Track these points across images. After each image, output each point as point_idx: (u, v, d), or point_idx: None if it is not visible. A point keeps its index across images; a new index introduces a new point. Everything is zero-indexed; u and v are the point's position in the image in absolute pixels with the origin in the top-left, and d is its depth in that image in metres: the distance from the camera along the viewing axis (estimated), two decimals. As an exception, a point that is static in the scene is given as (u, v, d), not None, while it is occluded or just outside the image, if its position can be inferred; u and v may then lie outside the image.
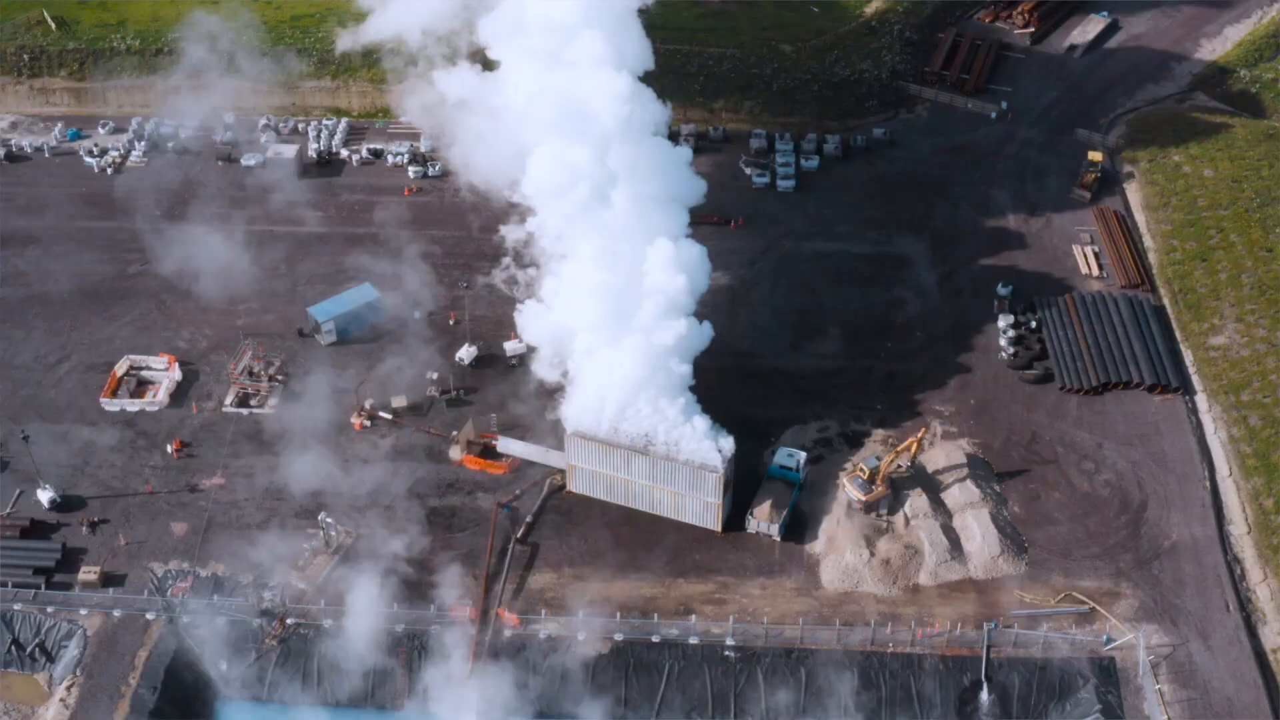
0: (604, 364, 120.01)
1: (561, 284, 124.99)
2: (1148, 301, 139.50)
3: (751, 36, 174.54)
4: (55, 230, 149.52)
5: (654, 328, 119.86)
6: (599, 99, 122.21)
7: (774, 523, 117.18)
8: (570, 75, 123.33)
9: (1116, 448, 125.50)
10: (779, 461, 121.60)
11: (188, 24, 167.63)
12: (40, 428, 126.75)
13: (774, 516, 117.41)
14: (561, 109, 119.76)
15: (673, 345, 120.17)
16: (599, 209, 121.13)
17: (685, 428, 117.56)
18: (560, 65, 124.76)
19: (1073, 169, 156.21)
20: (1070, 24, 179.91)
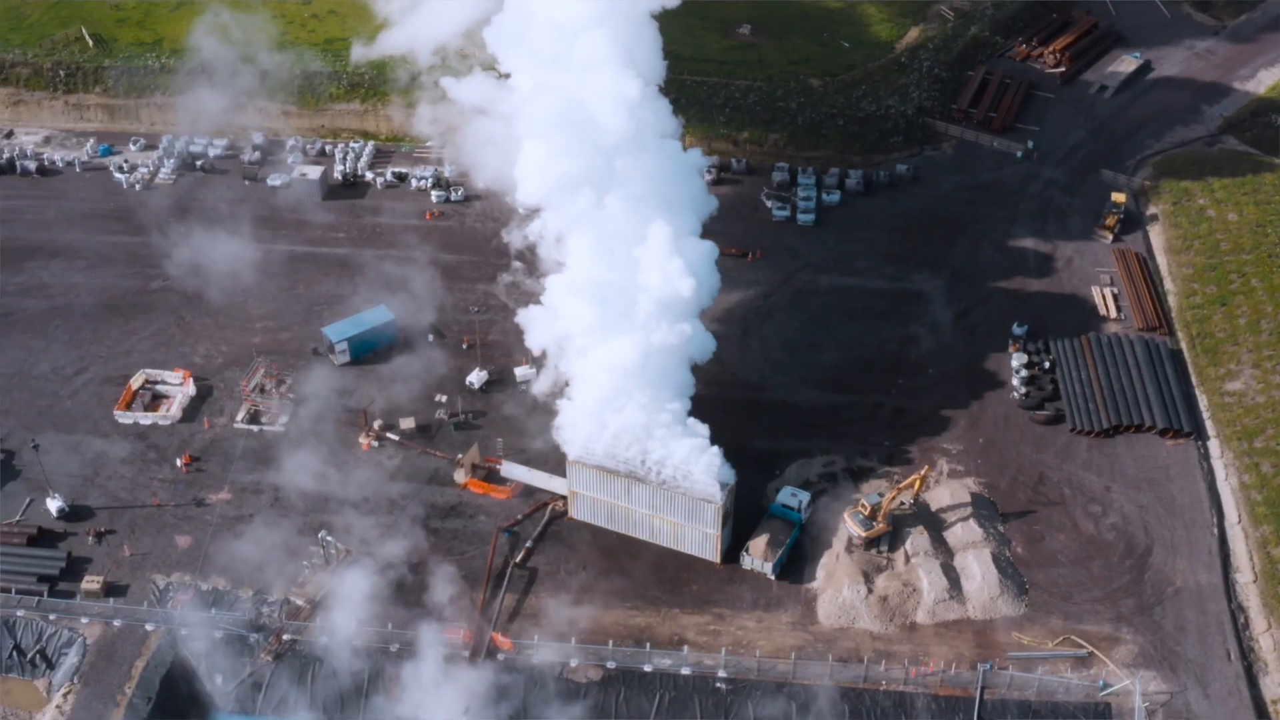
0: (599, 366, 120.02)
1: (559, 288, 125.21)
2: (1164, 345, 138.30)
3: (780, 70, 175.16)
4: (81, 244, 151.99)
5: (654, 328, 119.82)
6: (602, 99, 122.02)
7: (768, 561, 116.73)
8: (573, 75, 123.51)
9: (1125, 491, 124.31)
10: (781, 500, 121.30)
11: (222, 44, 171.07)
12: (54, 438, 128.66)
13: (769, 555, 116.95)
14: (560, 108, 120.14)
15: (673, 346, 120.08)
16: (598, 212, 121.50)
17: (684, 450, 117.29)
18: (564, 67, 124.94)
19: (1096, 209, 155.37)
20: (1102, 64, 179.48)
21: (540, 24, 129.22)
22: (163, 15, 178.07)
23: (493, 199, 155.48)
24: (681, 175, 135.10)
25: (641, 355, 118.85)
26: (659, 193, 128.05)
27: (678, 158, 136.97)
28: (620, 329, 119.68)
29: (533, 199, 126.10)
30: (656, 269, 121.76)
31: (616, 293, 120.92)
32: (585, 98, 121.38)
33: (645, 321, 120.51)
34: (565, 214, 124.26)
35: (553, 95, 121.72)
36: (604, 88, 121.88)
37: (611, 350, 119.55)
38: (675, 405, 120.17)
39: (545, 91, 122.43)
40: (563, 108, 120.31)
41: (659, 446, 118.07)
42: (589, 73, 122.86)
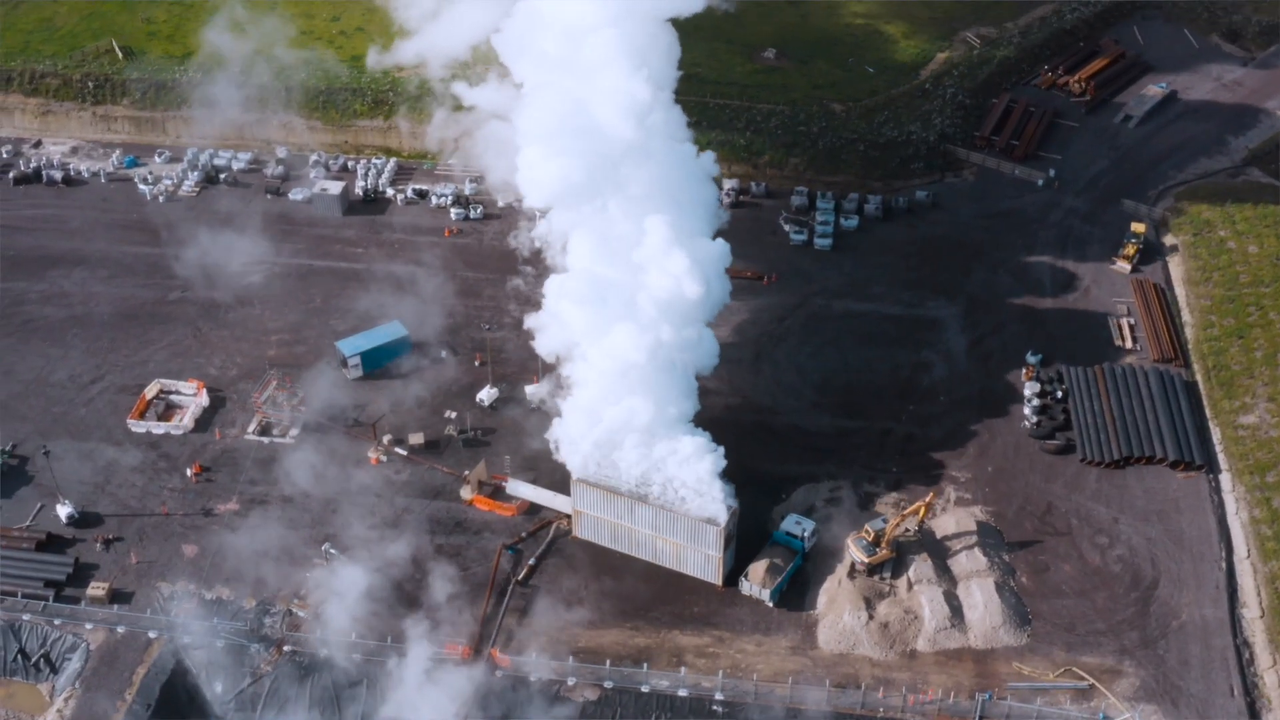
0: (598, 369, 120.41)
1: (557, 289, 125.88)
2: (1179, 376, 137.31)
3: (803, 94, 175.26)
4: (103, 254, 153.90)
5: (656, 329, 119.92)
6: (607, 100, 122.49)
7: (766, 587, 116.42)
8: (579, 77, 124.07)
9: (1133, 523, 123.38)
10: (786, 528, 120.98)
11: (251, 59, 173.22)
12: (67, 445, 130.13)
13: (767, 581, 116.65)
14: (562, 108, 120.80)
15: (677, 351, 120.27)
16: (601, 213, 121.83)
17: (686, 464, 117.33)
18: (571, 69, 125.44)
19: (1116, 239, 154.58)
20: (1128, 94, 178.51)
21: (548, 27, 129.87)
22: (193, 29, 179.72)
23: (511, 217, 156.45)
24: (692, 179, 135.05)
25: (641, 356, 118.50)
26: (667, 194, 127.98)
27: (688, 162, 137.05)
28: (619, 330, 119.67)
29: (536, 201, 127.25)
30: (657, 266, 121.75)
31: (615, 291, 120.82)
32: (589, 98, 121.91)
33: (647, 322, 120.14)
34: (567, 215, 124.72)
35: (555, 95, 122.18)
36: (609, 89, 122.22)
37: (610, 350, 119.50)
38: (677, 413, 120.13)
39: (548, 91, 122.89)
40: (565, 108, 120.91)
41: (661, 458, 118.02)
42: (595, 74, 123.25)
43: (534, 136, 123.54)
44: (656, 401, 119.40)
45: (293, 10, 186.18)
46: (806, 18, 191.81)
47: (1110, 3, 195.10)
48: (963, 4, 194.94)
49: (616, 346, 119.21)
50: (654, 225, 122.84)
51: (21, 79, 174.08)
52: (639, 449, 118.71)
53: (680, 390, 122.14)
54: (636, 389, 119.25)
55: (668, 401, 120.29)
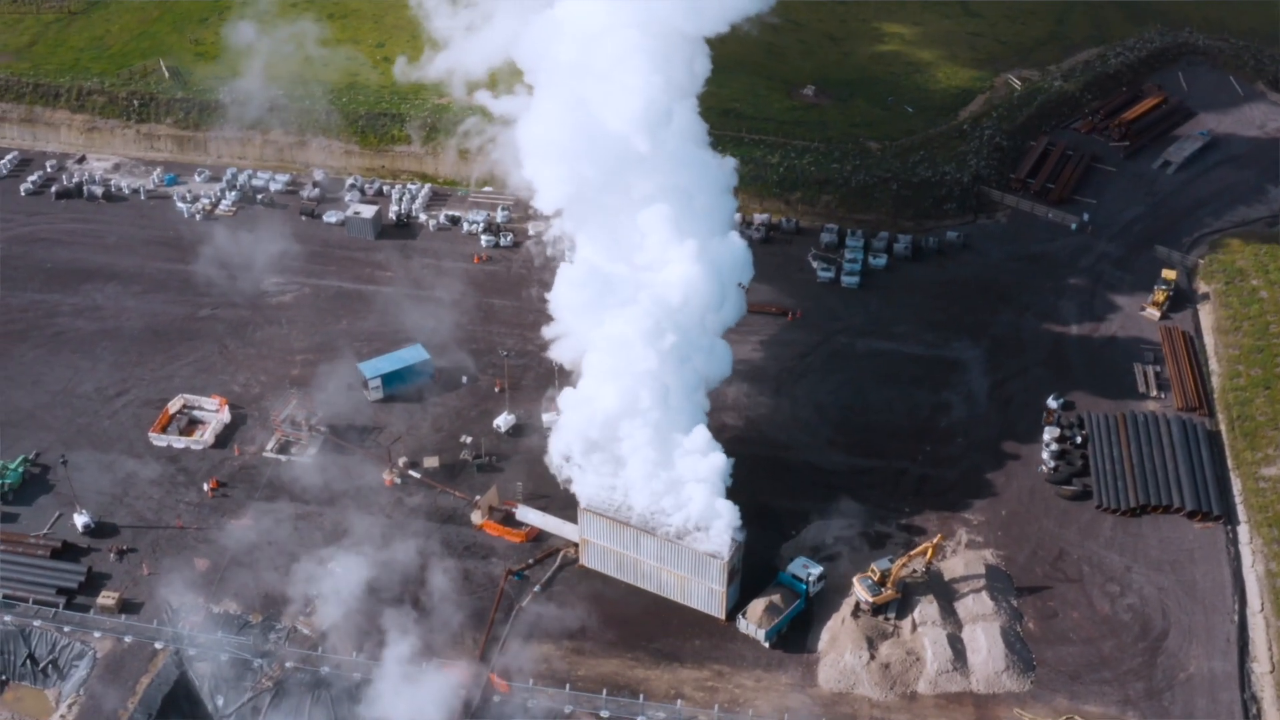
0: (597, 370, 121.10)
1: (568, 277, 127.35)
2: (1202, 425, 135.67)
3: (840, 132, 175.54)
4: (137, 269, 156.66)
5: (660, 329, 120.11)
6: (616, 102, 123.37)
7: (762, 627, 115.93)
8: (592, 81, 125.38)
9: (1146, 572, 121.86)
10: (792, 570, 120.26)
11: (294, 83, 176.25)
12: (89, 455, 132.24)
13: (764, 621, 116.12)
14: (571, 107, 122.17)
15: (683, 354, 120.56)
16: (609, 213, 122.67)
17: (692, 497, 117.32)
18: (586, 73, 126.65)
19: (1147, 285, 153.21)
20: (1168, 141, 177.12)
21: (565, 34, 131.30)
22: (239, 51, 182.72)
23: (541, 246, 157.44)
24: (709, 184, 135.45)
25: (644, 345, 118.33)
26: (680, 195, 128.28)
27: (706, 168, 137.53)
28: (622, 316, 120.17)
29: (545, 202, 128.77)
30: (661, 259, 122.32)
31: (620, 285, 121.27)
32: (599, 99, 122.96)
33: (649, 308, 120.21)
34: (575, 213, 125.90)
35: (566, 94, 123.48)
36: (619, 89, 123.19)
37: (612, 338, 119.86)
38: (685, 416, 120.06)
39: (559, 91, 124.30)
40: (573, 108, 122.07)
41: (664, 464, 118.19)
42: (606, 77, 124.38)
43: (542, 139, 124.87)
44: (660, 395, 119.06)
45: (340, 35, 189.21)
46: (849, 56, 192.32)
47: (1156, 48, 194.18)
48: (1007, 45, 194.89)
49: (619, 334, 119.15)
50: (658, 217, 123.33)
51: (69, 95, 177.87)
52: (640, 452, 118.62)
53: (687, 391, 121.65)
54: (640, 382, 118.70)
55: (675, 403, 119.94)
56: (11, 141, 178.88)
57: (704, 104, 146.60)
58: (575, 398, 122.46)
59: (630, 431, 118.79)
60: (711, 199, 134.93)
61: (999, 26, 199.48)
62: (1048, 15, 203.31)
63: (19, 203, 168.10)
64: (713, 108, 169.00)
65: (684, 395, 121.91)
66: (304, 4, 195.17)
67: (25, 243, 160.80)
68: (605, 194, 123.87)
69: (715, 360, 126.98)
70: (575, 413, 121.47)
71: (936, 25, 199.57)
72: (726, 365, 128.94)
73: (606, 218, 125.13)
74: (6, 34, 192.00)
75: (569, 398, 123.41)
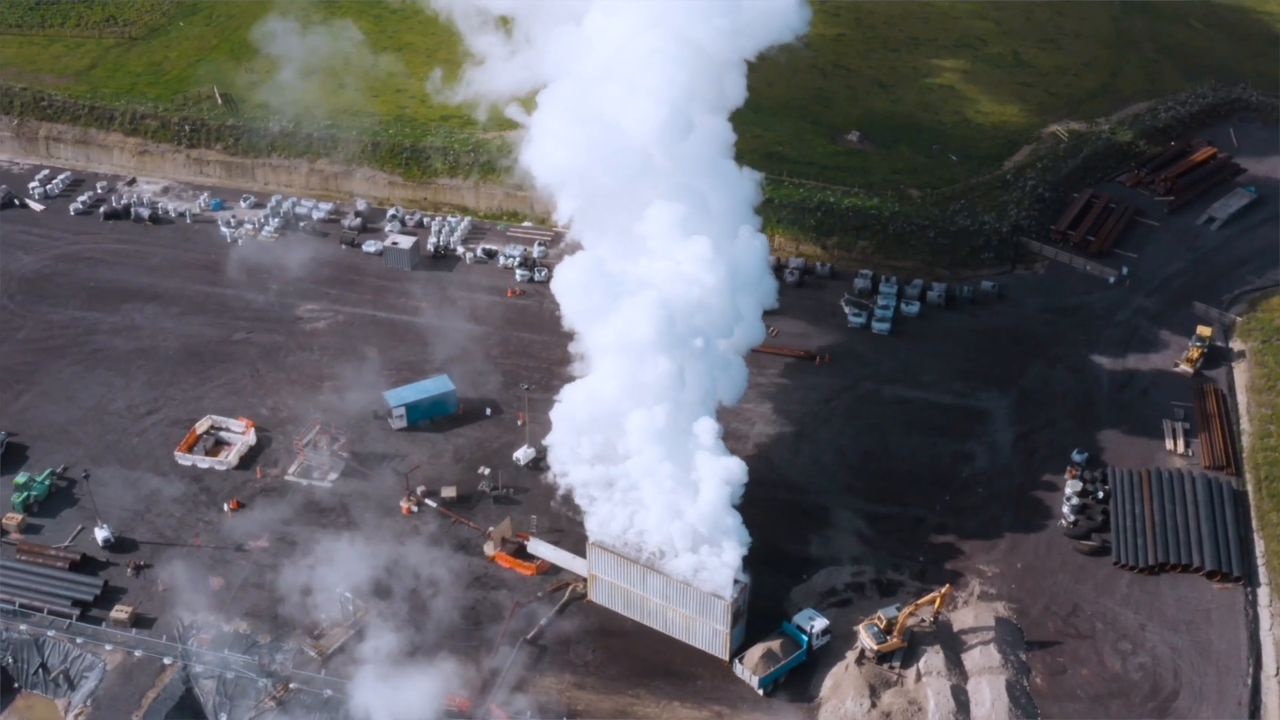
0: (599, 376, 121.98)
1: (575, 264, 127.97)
2: (1228, 485, 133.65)
3: (881, 178, 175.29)
4: (177, 291, 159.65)
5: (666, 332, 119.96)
6: (629, 107, 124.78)
7: (757, 674, 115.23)
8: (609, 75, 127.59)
9: (1160, 631, 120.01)
10: (797, 620, 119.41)
11: (342, 113, 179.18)
12: (115, 471, 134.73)
13: (759, 669, 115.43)
14: (581, 105, 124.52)
15: (691, 358, 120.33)
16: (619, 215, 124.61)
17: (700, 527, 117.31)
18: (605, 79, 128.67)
19: (1183, 342, 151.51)
20: (1213, 197, 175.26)
21: (590, 44, 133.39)
22: (293, 82, 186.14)
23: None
24: (726, 188, 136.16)
25: (652, 335, 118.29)
26: (695, 196, 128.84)
27: (730, 175, 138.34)
28: (627, 306, 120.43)
29: (545, 176, 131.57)
30: (668, 254, 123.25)
31: (623, 281, 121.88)
32: (618, 110, 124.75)
33: (656, 311, 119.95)
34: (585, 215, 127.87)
35: (578, 82, 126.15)
36: (637, 102, 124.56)
37: (618, 328, 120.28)
38: (693, 423, 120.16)
39: (573, 78, 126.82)
40: (584, 96, 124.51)
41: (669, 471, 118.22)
42: (627, 88, 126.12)
43: (549, 114, 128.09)
44: (667, 387, 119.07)
45: (392, 67, 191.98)
46: (897, 103, 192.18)
47: (1208, 103, 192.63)
48: (1057, 97, 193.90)
49: (625, 326, 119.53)
50: (668, 214, 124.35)
51: (123, 118, 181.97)
52: (643, 457, 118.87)
53: (698, 396, 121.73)
54: (644, 368, 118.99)
55: (681, 407, 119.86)
56: (65, 162, 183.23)
57: (747, 147, 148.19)
58: (578, 388, 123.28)
59: (635, 423, 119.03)
60: (728, 204, 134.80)
61: (1050, 78, 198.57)
62: (1102, 68, 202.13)
63: (68, 222, 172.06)
64: (756, 150, 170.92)
65: (693, 389, 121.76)
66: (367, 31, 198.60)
67: (71, 261, 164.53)
68: (618, 199, 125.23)
69: (731, 377, 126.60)
70: (576, 402, 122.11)
71: (987, 75, 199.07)
72: (741, 382, 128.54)
73: (616, 216, 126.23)
74: (68, 57, 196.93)
75: (570, 389, 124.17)
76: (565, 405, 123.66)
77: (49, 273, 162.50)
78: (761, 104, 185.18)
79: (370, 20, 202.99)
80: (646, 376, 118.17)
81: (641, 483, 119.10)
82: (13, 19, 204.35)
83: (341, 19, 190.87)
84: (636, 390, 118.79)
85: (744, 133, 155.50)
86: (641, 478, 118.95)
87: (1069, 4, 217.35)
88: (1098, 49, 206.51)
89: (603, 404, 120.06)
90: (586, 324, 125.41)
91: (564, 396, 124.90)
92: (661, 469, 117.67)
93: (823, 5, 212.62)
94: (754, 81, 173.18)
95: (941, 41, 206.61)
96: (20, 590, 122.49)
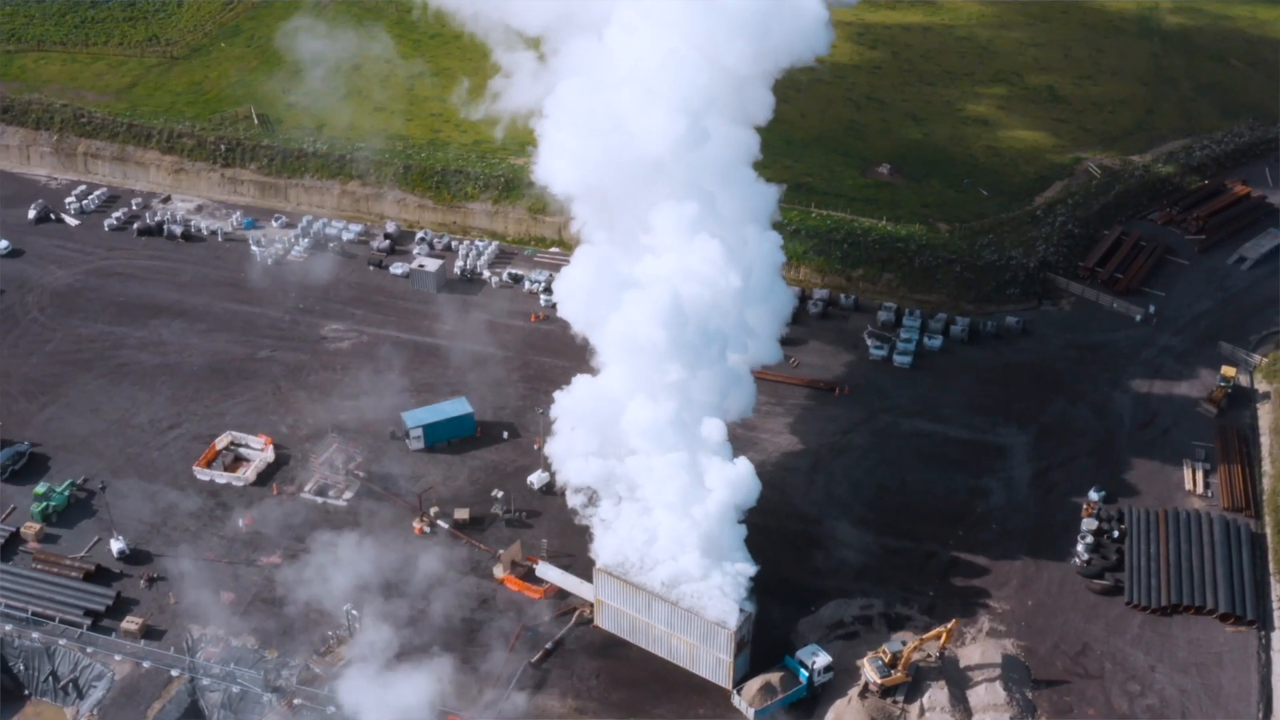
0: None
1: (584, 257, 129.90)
2: (1246, 527, 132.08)
3: (910, 211, 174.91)
4: (204, 308, 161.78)
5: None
6: (641, 111, 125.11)
7: (753, 707, 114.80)
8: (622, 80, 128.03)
9: (1169, 673, 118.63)
10: (800, 655, 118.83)
11: (376, 135, 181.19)
12: (134, 484, 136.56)
13: (756, 701, 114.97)
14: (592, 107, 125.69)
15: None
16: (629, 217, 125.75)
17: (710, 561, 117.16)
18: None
19: (1208, 382, 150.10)
20: (1245, 236, 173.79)
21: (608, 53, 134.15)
22: (329, 104, 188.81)
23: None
24: (744, 199, 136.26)
25: (653, 336, 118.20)
26: (704, 196, 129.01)
27: (745, 182, 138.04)
28: (631, 300, 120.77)
29: (555, 185, 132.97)
30: (676, 253, 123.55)
31: (627, 277, 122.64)
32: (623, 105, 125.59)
33: (664, 294, 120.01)
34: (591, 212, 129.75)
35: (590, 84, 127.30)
36: (644, 97, 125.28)
37: (624, 322, 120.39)
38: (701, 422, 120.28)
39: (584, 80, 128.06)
40: (592, 108, 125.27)
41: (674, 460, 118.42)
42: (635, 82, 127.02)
43: (559, 121, 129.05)
44: (673, 386, 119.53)
45: (427, 92, 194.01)
46: (929, 136, 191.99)
47: (1245, 142, 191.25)
48: (1092, 133, 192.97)
49: (630, 313, 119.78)
50: (672, 212, 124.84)
51: (160, 137, 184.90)
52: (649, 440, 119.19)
53: (706, 396, 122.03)
54: (650, 365, 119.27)
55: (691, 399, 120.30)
56: (102, 178, 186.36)
57: (776, 177, 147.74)
58: (583, 383, 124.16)
59: (636, 415, 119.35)
60: (742, 210, 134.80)
61: (1086, 114, 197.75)
62: (1138, 105, 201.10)
63: (102, 237, 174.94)
64: (785, 180, 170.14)
65: (701, 388, 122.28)
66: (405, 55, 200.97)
67: (102, 276, 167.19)
68: (627, 202, 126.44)
69: (739, 392, 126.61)
70: (582, 395, 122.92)
71: (1022, 110, 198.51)
72: (750, 399, 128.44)
73: (625, 218, 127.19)
74: (110, 74, 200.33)
75: (578, 380, 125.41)
76: (569, 396, 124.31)
77: (80, 287, 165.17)
78: (794, 135, 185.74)
79: (409, 45, 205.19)
80: (650, 369, 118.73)
81: (643, 482, 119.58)
82: (58, 36, 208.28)
83: (379, 39, 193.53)
84: (640, 382, 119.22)
85: (774, 164, 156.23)
86: (642, 476, 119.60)
87: (1109, 41, 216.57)
88: (1135, 86, 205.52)
89: (606, 396, 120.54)
90: (591, 320, 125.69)
91: (571, 387, 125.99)
92: (665, 464, 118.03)
93: (860, 39, 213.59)
94: (787, 113, 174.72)
95: (978, 76, 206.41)
96: (35, 599, 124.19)
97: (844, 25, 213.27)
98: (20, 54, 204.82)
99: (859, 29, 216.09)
